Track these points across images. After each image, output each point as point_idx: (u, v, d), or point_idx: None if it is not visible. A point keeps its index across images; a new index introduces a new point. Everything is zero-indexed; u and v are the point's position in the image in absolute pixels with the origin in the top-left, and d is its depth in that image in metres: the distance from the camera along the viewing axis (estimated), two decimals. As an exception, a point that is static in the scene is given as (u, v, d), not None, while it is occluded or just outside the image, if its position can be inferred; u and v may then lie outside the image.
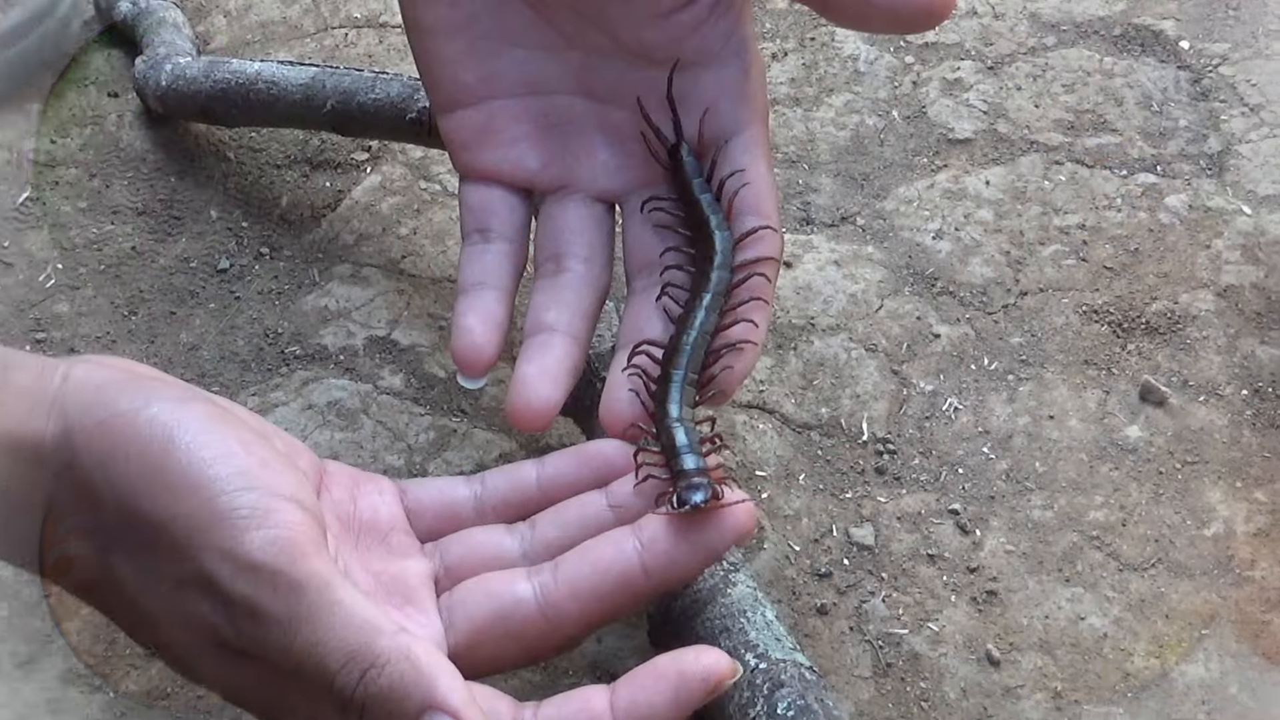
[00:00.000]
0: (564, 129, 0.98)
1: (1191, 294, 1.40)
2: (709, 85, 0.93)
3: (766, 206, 0.95)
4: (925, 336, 1.38)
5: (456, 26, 0.96)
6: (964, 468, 1.28)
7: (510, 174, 0.98)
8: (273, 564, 0.71)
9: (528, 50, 0.97)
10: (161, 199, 1.56)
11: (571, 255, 0.98)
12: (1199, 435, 1.29)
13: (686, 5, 0.91)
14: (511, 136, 0.98)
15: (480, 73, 0.97)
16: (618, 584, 0.83)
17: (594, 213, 0.99)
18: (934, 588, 1.21)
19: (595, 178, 0.99)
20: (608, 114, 0.98)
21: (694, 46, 0.93)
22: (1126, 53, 1.63)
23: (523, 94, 0.98)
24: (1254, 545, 1.22)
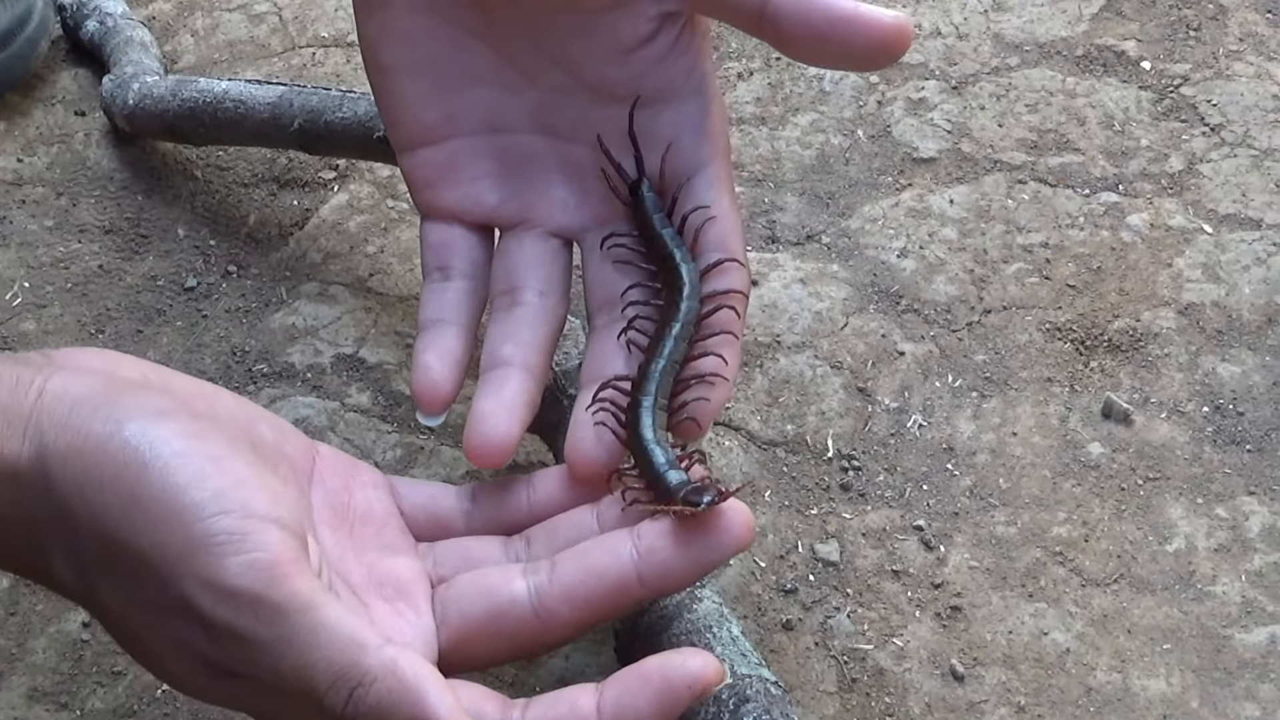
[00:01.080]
0: (524, 167, 0.98)
1: (1153, 312, 1.41)
2: (670, 122, 0.94)
3: (733, 241, 0.95)
4: (890, 354, 1.39)
5: (417, 67, 0.96)
6: (928, 484, 1.29)
7: (470, 212, 0.99)
8: (251, 589, 0.71)
9: (489, 89, 0.97)
10: (128, 217, 1.56)
11: (527, 289, 0.98)
12: (1161, 452, 1.31)
13: (647, 43, 0.91)
14: (472, 175, 0.98)
15: (441, 112, 0.97)
16: (611, 590, 0.83)
17: (550, 247, 0.99)
18: (898, 603, 1.21)
19: (554, 214, 0.99)
20: (568, 151, 0.98)
21: (654, 84, 0.93)
22: (1089, 73, 1.65)
23: (483, 132, 0.98)
24: (1215, 561, 1.23)
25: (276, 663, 0.72)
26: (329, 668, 0.71)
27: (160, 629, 0.74)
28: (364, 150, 1.44)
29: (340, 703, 0.71)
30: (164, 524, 0.71)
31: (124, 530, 0.72)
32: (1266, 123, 1.58)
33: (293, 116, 1.45)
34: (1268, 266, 1.44)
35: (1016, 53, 1.68)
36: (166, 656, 0.75)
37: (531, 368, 0.96)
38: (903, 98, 1.63)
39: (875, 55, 0.85)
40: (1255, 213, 1.49)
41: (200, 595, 0.71)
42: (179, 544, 0.71)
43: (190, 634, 0.73)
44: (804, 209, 1.52)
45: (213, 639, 0.72)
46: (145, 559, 0.71)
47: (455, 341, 0.97)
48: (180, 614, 0.72)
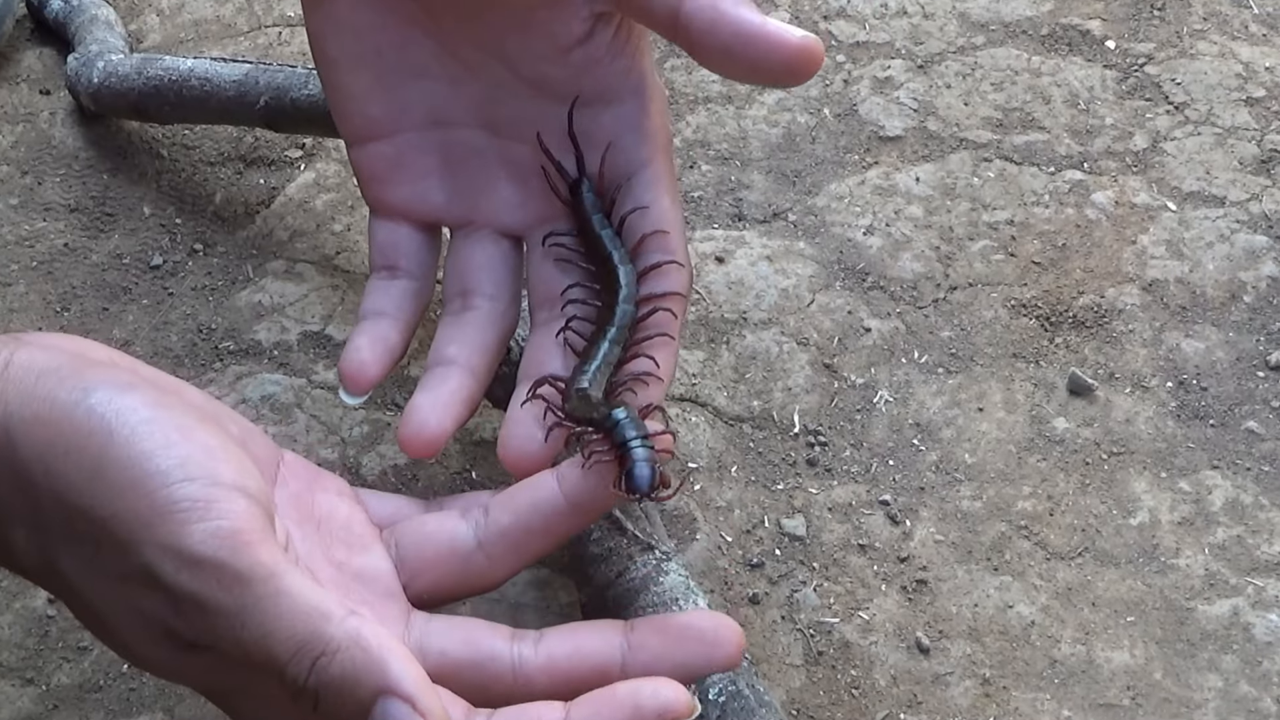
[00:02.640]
0: (469, 164, 0.98)
1: (1118, 288, 1.41)
2: (608, 122, 0.94)
3: (673, 242, 0.95)
4: (856, 330, 1.39)
5: (361, 59, 0.96)
6: (894, 459, 1.30)
7: (418, 210, 0.98)
8: (215, 557, 0.71)
9: (433, 82, 0.96)
10: (94, 196, 1.55)
11: (478, 293, 0.98)
12: (1125, 427, 1.31)
13: (582, 42, 0.91)
14: (419, 171, 0.98)
15: (387, 106, 0.97)
16: (593, 672, 0.83)
17: (501, 249, 0.99)
18: (864, 577, 1.22)
19: (499, 213, 0.98)
20: (509, 149, 0.97)
21: (593, 83, 0.93)
22: (1054, 52, 1.65)
23: (429, 127, 0.98)
24: (1178, 534, 1.24)
25: (238, 632, 0.71)
26: (291, 637, 0.71)
27: (122, 601, 0.73)
28: (330, 128, 1.42)
29: (302, 673, 0.70)
30: (127, 491, 0.71)
31: (86, 498, 0.71)
32: (1230, 101, 1.58)
33: (258, 94, 1.45)
34: (1231, 243, 1.44)
35: (982, 31, 1.68)
36: (128, 630, 0.74)
37: (474, 369, 0.96)
38: (869, 76, 1.63)
39: (781, 74, 0.85)
40: (1219, 190, 1.49)
41: (163, 562, 0.70)
42: (142, 511, 0.71)
43: (152, 604, 0.72)
44: (770, 187, 1.52)
45: (175, 608, 0.71)
46: (107, 527, 0.71)
47: (391, 332, 0.97)
48: (143, 583, 0.71)
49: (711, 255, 1.44)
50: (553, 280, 0.97)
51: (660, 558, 1.08)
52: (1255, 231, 1.45)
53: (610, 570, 1.08)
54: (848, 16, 1.71)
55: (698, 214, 1.49)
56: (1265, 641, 1.17)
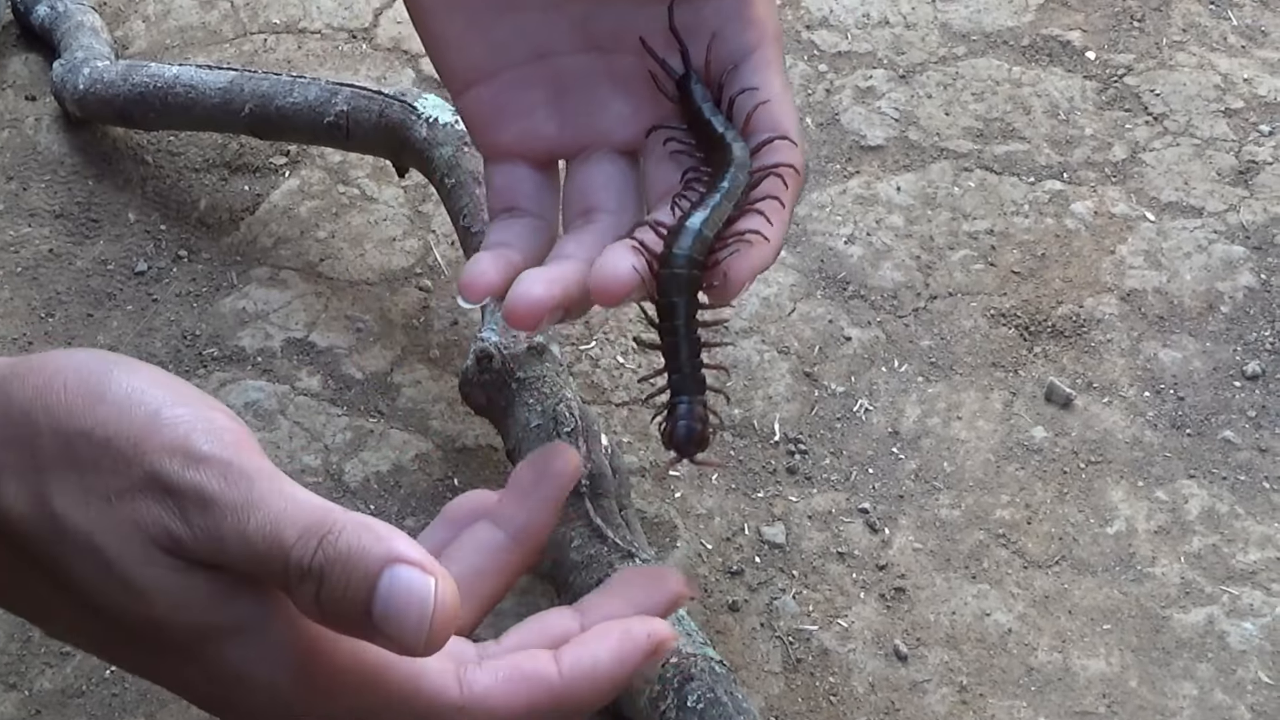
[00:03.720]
0: (576, 89, 0.96)
1: (1096, 298, 1.42)
2: (710, 14, 0.90)
3: (785, 121, 0.92)
4: (837, 339, 1.40)
5: (454, 3, 0.95)
6: (874, 468, 1.30)
7: (532, 147, 0.96)
8: (221, 455, 0.70)
9: (527, 13, 0.95)
10: (79, 202, 1.56)
11: (600, 209, 0.94)
12: (1102, 436, 1.32)
13: None
14: (526, 107, 0.96)
15: (484, 46, 0.95)
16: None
17: (619, 167, 0.96)
18: (843, 585, 1.22)
19: (612, 131, 0.96)
20: (615, 63, 0.95)
21: None
22: (1035, 62, 1.66)
23: (530, 61, 0.96)
24: (1154, 543, 1.25)
25: (244, 525, 0.70)
26: (297, 521, 0.70)
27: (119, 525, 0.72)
28: (314, 135, 1.44)
29: (309, 551, 0.69)
30: (128, 412, 0.71)
31: (88, 420, 0.71)
32: (1208, 112, 1.59)
33: (244, 102, 1.45)
34: (1208, 254, 1.45)
35: (963, 42, 1.69)
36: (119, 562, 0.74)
37: (590, 261, 0.92)
38: (851, 86, 1.64)
39: None
40: (1197, 201, 1.50)
41: (168, 463, 0.70)
42: (144, 424, 0.70)
43: (155, 513, 0.71)
44: (752, 196, 1.52)
45: (180, 510, 0.70)
46: (110, 445, 0.71)
47: (515, 255, 0.94)
48: (144, 490, 0.70)
49: (693, 264, 1.44)
50: (670, 175, 0.95)
51: (640, 565, 1.09)
52: (1233, 242, 1.46)
53: (591, 577, 1.09)
54: (830, 26, 1.71)
55: (680, 222, 1.49)
56: (1240, 650, 1.18)
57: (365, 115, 1.39)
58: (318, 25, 1.76)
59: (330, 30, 1.75)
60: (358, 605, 0.68)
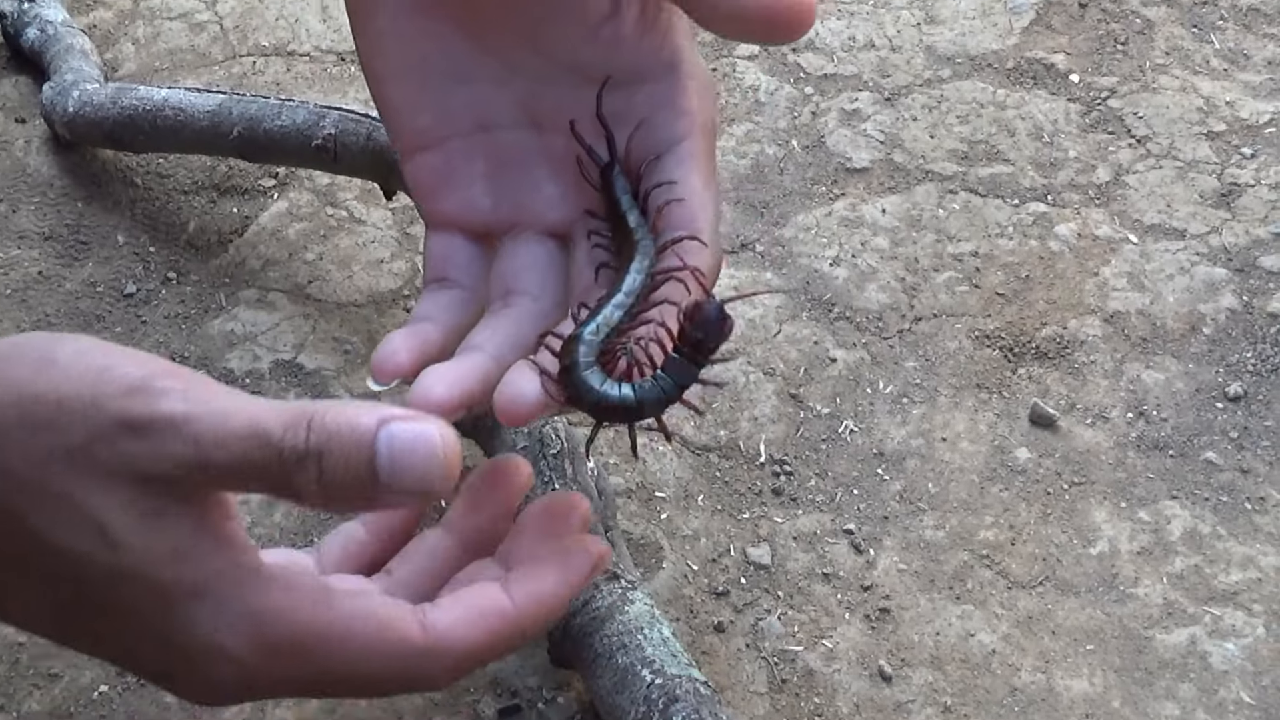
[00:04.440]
0: (513, 164, 0.96)
1: (1080, 320, 1.43)
2: (642, 101, 0.90)
3: (699, 220, 0.91)
4: (822, 361, 1.40)
5: (406, 70, 0.95)
6: (858, 489, 1.31)
7: (467, 219, 0.96)
8: (182, 384, 0.71)
9: (476, 85, 0.95)
10: (68, 224, 1.56)
11: (520, 292, 0.94)
12: (1086, 457, 1.33)
13: (609, 19, 0.90)
14: (466, 178, 0.96)
15: (433, 114, 0.95)
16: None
17: (546, 249, 0.96)
18: (828, 606, 1.23)
19: (543, 212, 0.96)
20: (553, 143, 0.95)
21: (625, 62, 0.91)
22: (1019, 85, 1.67)
23: (475, 132, 0.96)
24: (1137, 564, 1.25)
25: (224, 431, 0.69)
26: (279, 416, 0.70)
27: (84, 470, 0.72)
28: (303, 158, 1.45)
29: (300, 436, 0.69)
30: (79, 371, 0.70)
31: (39, 384, 0.71)
32: (1191, 135, 1.60)
33: (232, 124, 1.46)
34: (1191, 276, 1.46)
35: (948, 65, 1.70)
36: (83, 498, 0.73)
37: (500, 357, 0.92)
38: (837, 109, 1.65)
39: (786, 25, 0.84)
40: (1179, 223, 1.51)
41: (132, 402, 0.70)
42: (96, 378, 0.70)
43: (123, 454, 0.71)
44: (739, 218, 1.53)
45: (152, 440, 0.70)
46: (63, 403, 0.70)
47: (432, 331, 0.94)
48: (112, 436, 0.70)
49: (680, 286, 1.45)
50: (587, 273, 0.95)
51: (626, 586, 1.09)
52: (1215, 264, 1.47)
53: (576, 599, 1.09)
54: (816, 49, 1.72)
55: (666, 245, 1.50)
56: (1222, 670, 1.18)
57: (353, 138, 1.40)
58: (306, 48, 1.77)
59: (319, 53, 1.76)
60: (363, 471, 0.69)
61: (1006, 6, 1.76)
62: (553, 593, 0.76)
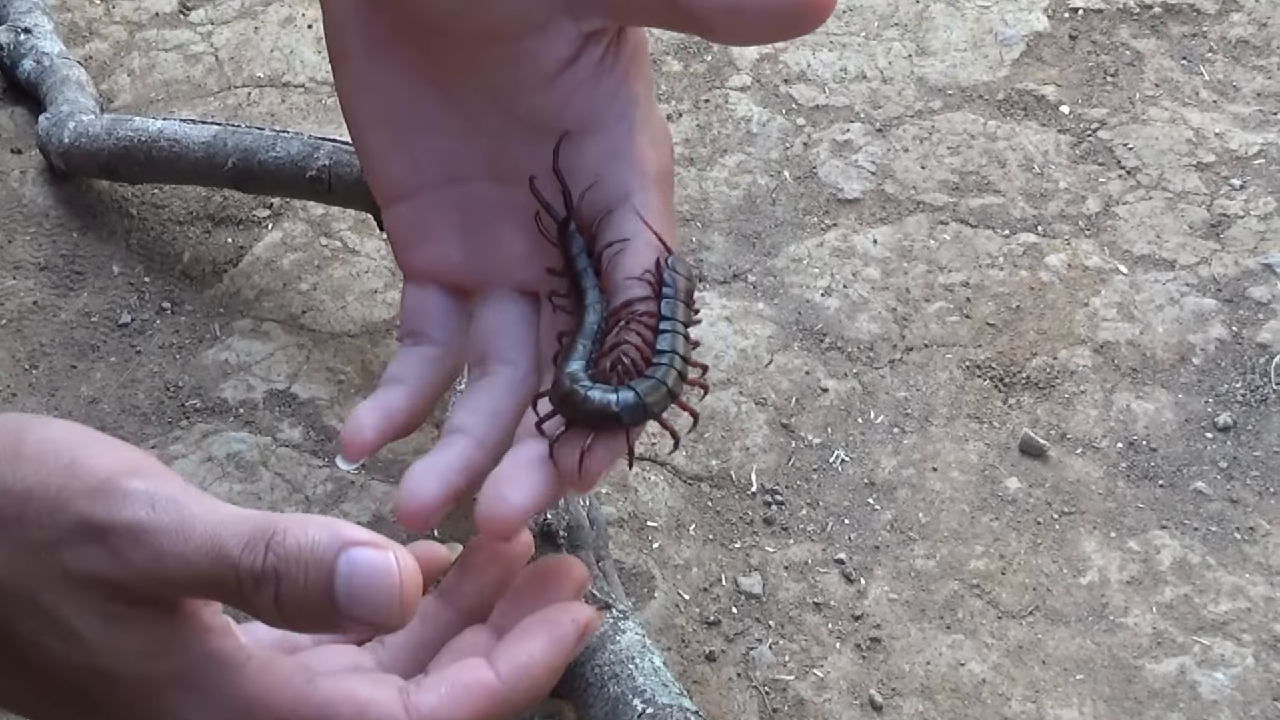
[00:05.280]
0: (482, 219, 0.94)
1: (1070, 350, 1.43)
2: (593, 152, 0.87)
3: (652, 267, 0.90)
4: (814, 391, 1.41)
5: (379, 116, 0.94)
6: (850, 518, 1.31)
7: (442, 272, 0.95)
8: (146, 488, 0.70)
9: (444, 137, 0.93)
10: (64, 254, 1.57)
11: (495, 358, 0.93)
12: (1076, 487, 1.33)
13: (569, 66, 0.88)
14: (439, 231, 0.94)
15: (406, 164, 0.94)
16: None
17: (519, 309, 0.94)
18: (819, 635, 1.23)
19: (513, 270, 0.94)
20: (515, 197, 0.93)
21: (579, 111, 0.89)
22: (1009, 117, 1.68)
23: (446, 184, 0.94)
24: (1127, 593, 1.26)
25: (183, 547, 0.69)
26: (238, 532, 0.69)
27: (50, 571, 0.72)
28: (297, 189, 1.45)
29: (258, 557, 0.68)
30: (45, 464, 0.70)
31: (6, 477, 0.71)
32: (1180, 166, 1.61)
33: (227, 155, 1.46)
34: (1180, 306, 1.47)
35: (939, 96, 1.71)
36: (53, 601, 0.73)
37: (482, 438, 0.91)
38: (828, 140, 1.66)
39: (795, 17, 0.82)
40: (1169, 254, 1.52)
41: (93, 505, 0.69)
42: (63, 473, 0.70)
43: (85, 559, 0.70)
44: (731, 248, 1.54)
45: (112, 547, 0.70)
46: (30, 496, 0.70)
47: (399, 399, 0.93)
48: (74, 538, 0.69)
49: (672, 316, 1.46)
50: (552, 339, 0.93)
51: (618, 616, 1.10)
52: (1204, 295, 1.48)
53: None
54: (808, 80, 1.73)
55: (659, 275, 1.50)
56: (1211, 700, 1.18)
57: (347, 170, 1.41)
58: (301, 79, 1.77)
59: (314, 84, 1.77)
60: (320, 597, 0.68)
61: (997, 38, 1.77)
62: (540, 663, 0.75)
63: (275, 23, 1.84)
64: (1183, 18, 1.77)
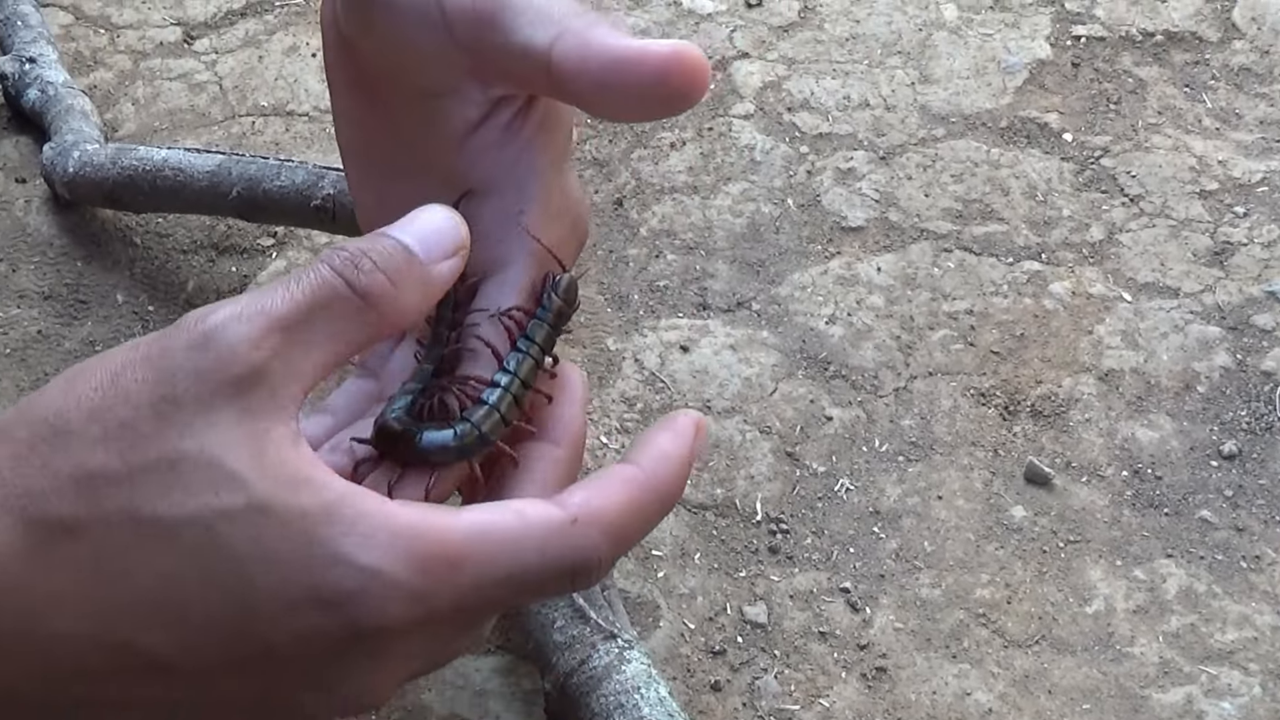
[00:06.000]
0: None
1: (1074, 378, 1.43)
2: (486, 214, 0.85)
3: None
4: (818, 419, 1.41)
5: (354, 148, 0.94)
6: (855, 547, 1.31)
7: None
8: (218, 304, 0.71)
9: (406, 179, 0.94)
10: (68, 283, 1.57)
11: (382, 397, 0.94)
12: (1081, 515, 1.33)
13: (476, 128, 0.88)
14: None
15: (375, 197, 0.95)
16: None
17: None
18: (825, 665, 1.23)
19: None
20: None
21: (482, 173, 0.88)
22: (1013, 144, 1.68)
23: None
24: (1133, 622, 1.26)
25: (282, 293, 0.69)
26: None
27: (182, 414, 0.70)
28: (301, 218, 1.46)
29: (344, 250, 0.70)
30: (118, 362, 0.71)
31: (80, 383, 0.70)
32: (1184, 194, 1.61)
33: (231, 185, 1.46)
34: (1185, 334, 1.47)
35: (943, 124, 1.71)
36: (201, 448, 0.71)
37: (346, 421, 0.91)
38: (832, 167, 1.66)
39: (660, 93, 0.81)
40: (1173, 281, 1.52)
41: (183, 328, 0.69)
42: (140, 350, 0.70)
43: (199, 365, 0.67)
44: (735, 276, 1.54)
45: (216, 342, 0.68)
46: (119, 378, 0.69)
47: (319, 430, 0.94)
48: (181, 360, 0.67)
49: (676, 344, 1.46)
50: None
51: (623, 645, 1.09)
52: (1208, 322, 1.48)
53: (573, 658, 1.10)
54: (811, 108, 1.73)
55: (663, 303, 1.51)
56: (1218, 729, 1.18)
57: (351, 199, 1.41)
58: (305, 108, 1.78)
59: (318, 113, 1.77)
60: (399, 246, 0.74)
61: (1000, 66, 1.77)
62: (673, 452, 0.73)
63: (279, 51, 1.85)
64: (1185, 45, 1.78)
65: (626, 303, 1.51)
